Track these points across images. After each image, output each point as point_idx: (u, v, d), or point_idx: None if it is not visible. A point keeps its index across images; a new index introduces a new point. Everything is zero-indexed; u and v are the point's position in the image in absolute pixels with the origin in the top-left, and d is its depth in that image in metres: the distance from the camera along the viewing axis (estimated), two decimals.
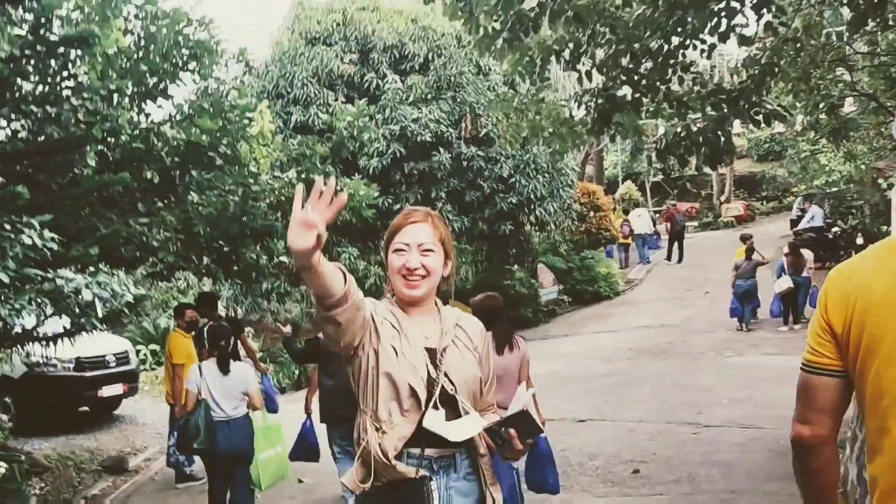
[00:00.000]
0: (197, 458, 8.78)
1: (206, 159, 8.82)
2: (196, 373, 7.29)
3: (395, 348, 2.78)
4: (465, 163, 18.29)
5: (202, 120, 8.59)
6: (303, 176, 9.09)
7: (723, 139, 8.81)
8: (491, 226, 19.13)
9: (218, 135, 8.73)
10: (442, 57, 18.82)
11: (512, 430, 2.72)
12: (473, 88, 18.57)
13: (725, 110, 8.66)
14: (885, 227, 21.12)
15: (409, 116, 17.73)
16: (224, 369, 7.17)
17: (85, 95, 7.03)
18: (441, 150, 17.98)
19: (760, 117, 8.61)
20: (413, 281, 2.84)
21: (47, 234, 5.64)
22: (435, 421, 2.74)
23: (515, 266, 21.25)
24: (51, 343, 7.45)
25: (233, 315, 17.48)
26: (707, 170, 44.12)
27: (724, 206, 39.00)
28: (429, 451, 2.79)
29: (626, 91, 9.34)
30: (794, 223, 26.99)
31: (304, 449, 7.99)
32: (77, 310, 6.44)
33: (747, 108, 8.61)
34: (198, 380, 7.19)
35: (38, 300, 5.82)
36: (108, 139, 7.83)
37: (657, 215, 33.37)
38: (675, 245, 28.14)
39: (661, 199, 41.94)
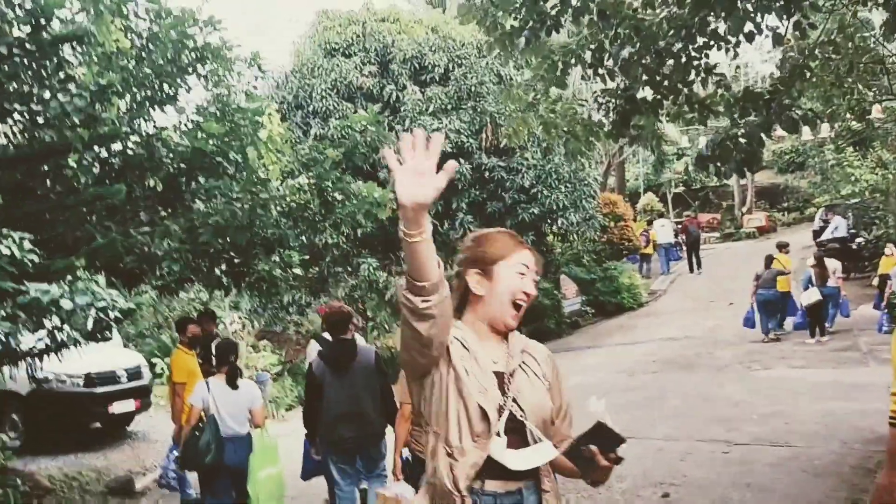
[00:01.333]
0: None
1: (213, 166, 8.31)
2: (203, 388, 7.10)
3: (466, 369, 2.59)
4: (486, 173, 17.73)
5: (208, 124, 8.08)
6: (313, 182, 8.54)
7: (755, 145, 8.20)
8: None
9: (226, 139, 8.21)
10: (462, 67, 18.29)
11: (593, 447, 2.50)
12: (494, 98, 17.99)
13: (755, 114, 8.03)
14: None
15: (430, 127, 17.15)
16: (233, 385, 7.05)
17: (78, 94, 6.48)
18: (462, 160, 17.38)
19: (791, 123, 7.99)
20: (519, 311, 2.69)
21: (27, 245, 5.12)
22: (497, 448, 2.56)
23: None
24: (37, 359, 6.88)
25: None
26: (730, 181, 43.89)
27: (746, 217, 38.34)
28: (493, 486, 2.59)
29: (645, 93, 8.78)
30: (816, 234, 26.41)
31: (314, 464, 7.49)
32: (60, 322, 5.89)
33: (779, 111, 7.99)
34: (205, 395, 7.03)
35: (14, 314, 5.28)
36: (108, 145, 7.35)
37: (678, 226, 32.73)
38: (693, 255, 27.73)
39: (683, 210, 41.29)
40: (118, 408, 11.49)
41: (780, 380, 12.71)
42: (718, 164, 8.23)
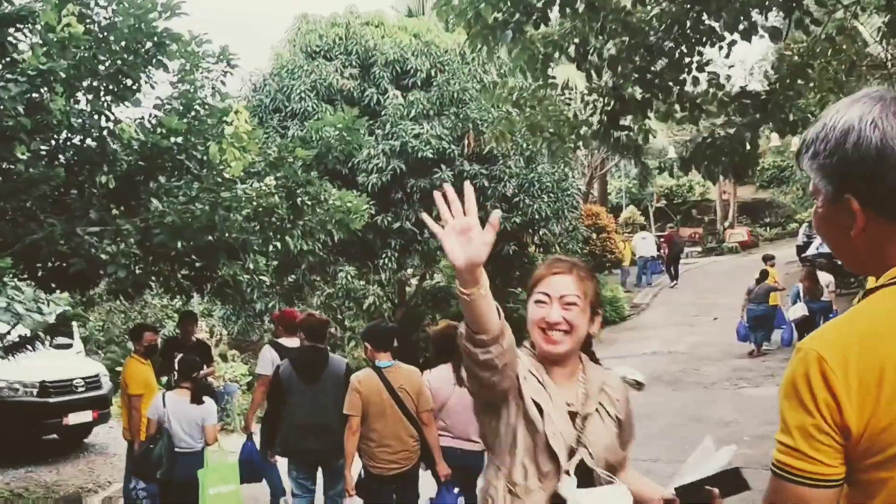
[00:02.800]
0: None
1: (174, 164, 7.67)
2: (159, 401, 6.99)
3: (538, 405, 2.50)
4: (467, 181, 17.03)
5: (169, 118, 7.43)
6: (281, 182, 7.89)
7: (748, 147, 7.64)
8: (494, 246, 17.79)
9: (188, 137, 7.57)
10: (445, 73, 17.68)
11: (716, 490, 2.40)
12: (477, 105, 17.40)
13: (753, 115, 7.48)
14: None
15: (410, 132, 16.54)
16: (198, 401, 6.98)
17: (14, 80, 5.84)
18: (443, 167, 16.78)
19: (786, 124, 7.45)
20: (554, 336, 2.56)
21: None
22: (567, 488, 2.47)
23: (519, 289, 20.01)
24: None
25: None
26: (711, 195, 43.66)
27: (728, 232, 37.98)
28: None
29: (635, 91, 8.23)
30: (800, 249, 26.11)
31: (247, 469, 7.30)
32: None
33: (776, 112, 7.44)
34: (160, 409, 6.93)
35: None
36: (54, 135, 6.70)
37: (660, 239, 32.30)
38: (672, 268, 27.50)
39: (665, 225, 40.87)
40: (74, 419, 10.80)
41: (771, 398, 12.04)
42: (708, 165, 7.68)
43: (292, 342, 7.81)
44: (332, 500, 6.81)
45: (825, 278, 15.91)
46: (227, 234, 7.55)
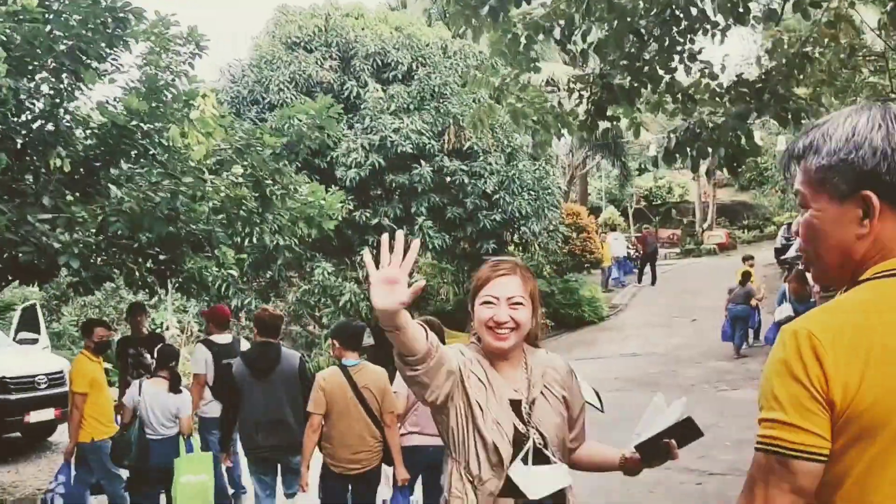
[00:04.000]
0: None
1: (135, 148, 7.18)
2: (135, 389, 6.82)
3: (479, 404, 2.66)
4: (447, 177, 16.63)
5: (130, 99, 6.94)
6: (249, 172, 7.40)
7: (743, 138, 7.21)
8: (473, 244, 17.46)
9: (151, 119, 7.09)
10: (426, 67, 17.23)
11: (672, 441, 2.67)
12: (458, 99, 16.96)
13: (747, 103, 7.05)
14: None
15: (390, 126, 16.07)
16: (176, 390, 6.80)
17: None
18: (422, 162, 16.30)
19: (789, 114, 7.02)
20: (502, 334, 2.69)
21: None
22: (519, 475, 2.64)
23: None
24: None
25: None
26: (690, 197, 43.45)
27: (707, 234, 37.70)
28: None
29: (623, 80, 7.81)
30: (778, 252, 25.75)
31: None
32: None
33: (773, 102, 7.02)
34: (135, 397, 6.75)
35: None
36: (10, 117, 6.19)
37: (636, 238, 32.05)
38: (648, 267, 27.28)
39: (644, 225, 40.64)
40: (36, 416, 10.23)
41: (752, 402, 11.60)
42: (696, 156, 7.25)
43: (224, 338, 7.73)
44: (290, 497, 6.66)
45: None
46: (190, 226, 7.07)
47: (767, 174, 39.89)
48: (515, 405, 2.71)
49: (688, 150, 7.10)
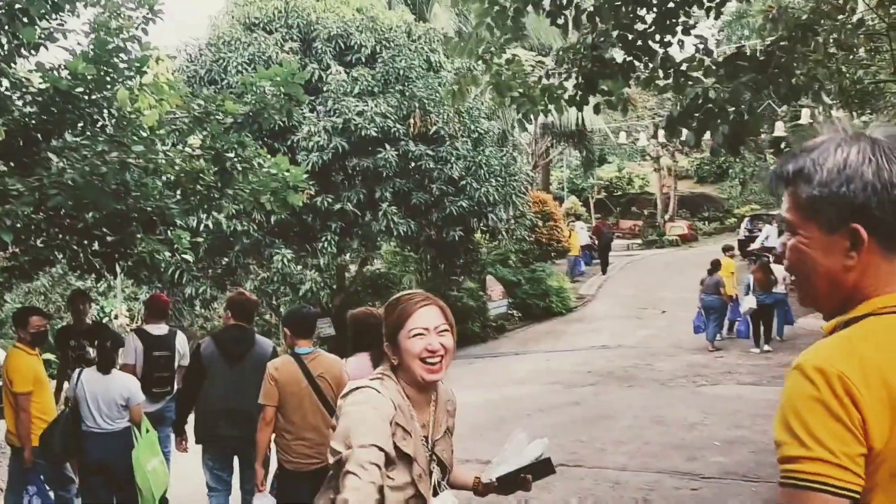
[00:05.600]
0: None
1: (81, 116, 6.42)
2: (74, 379, 6.29)
3: (410, 455, 2.62)
4: (412, 162, 15.92)
5: (75, 62, 6.18)
6: (208, 143, 6.67)
7: (745, 114, 6.64)
8: (439, 231, 16.78)
9: (98, 85, 6.33)
10: (390, 49, 16.49)
11: (530, 476, 2.88)
12: (424, 83, 16.26)
13: (753, 75, 6.47)
14: None
15: (354, 109, 15.32)
16: (105, 370, 6.26)
17: None
18: (387, 146, 15.58)
19: (791, 89, 6.46)
20: (434, 365, 2.67)
21: None
22: None
23: (463, 277, 18.94)
24: None
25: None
26: (651, 189, 43.40)
27: (669, 225, 37.53)
28: None
29: (615, 53, 7.23)
30: (742, 244, 25.74)
31: None
32: None
33: (780, 75, 6.45)
34: (74, 386, 6.24)
35: None
36: None
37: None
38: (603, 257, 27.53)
39: (605, 217, 40.42)
40: None
41: (734, 399, 11.25)
42: (698, 129, 6.68)
43: (159, 329, 7.38)
44: (248, 495, 6.22)
45: (780, 271, 15.20)
46: (141, 202, 6.33)
47: (726, 167, 39.99)
48: (424, 440, 2.73)
49: (691, 123, 6.50)
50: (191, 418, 6.43)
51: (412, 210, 16.20)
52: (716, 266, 16.06)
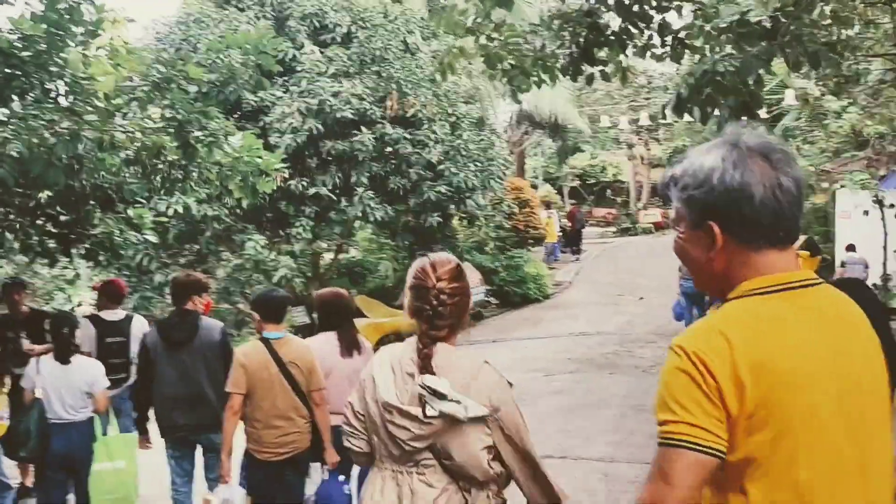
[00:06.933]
0: None
1: (28, 84, 5.73)
2: (32, 368, 5.87)
3: None
4: (389, 146, 15.25)
5: (21, 20, 5.50)
6: (170, 114, 6.00)
7: (752, 85, 6.08)
8: (417, 217, 16.14)
9: (48, 48, 5.65)
10: (366, 30, 15.78)
11: None
12: (401, 64, 15.59)
13: (761, 44, 5.91)
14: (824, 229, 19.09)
15: (329, 90, 14.60)
16: (63, 359, 5.82)
17: None
18: (363, 128, 14.89)
19: (809, 56, 5.89)
20: None
21: None
22: None
23: None
24: None
25: None
26: (623, 177, 43.23)
27: (642, 213, 37.20)
28: None
29: (610, 20, 6.65)
30: None
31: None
32: None
33: (791, 41, 5.89)
34: (33, 376, 5.82)
35: None
36: None
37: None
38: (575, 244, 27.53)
39: (579, 204, 40.03)
40: None
41: None
42: (705, 104, 6.11)
43: (114, 315, 6.98)
44: (213, 483, 5.86)
45: None
46: (95, 176, 5.67)
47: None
48: None
49: (700, 99, 5.94)
50: None
51: (389, 195, 15.54)
52: None
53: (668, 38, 6.71)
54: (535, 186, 37.22)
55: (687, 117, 6.71)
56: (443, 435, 2.61)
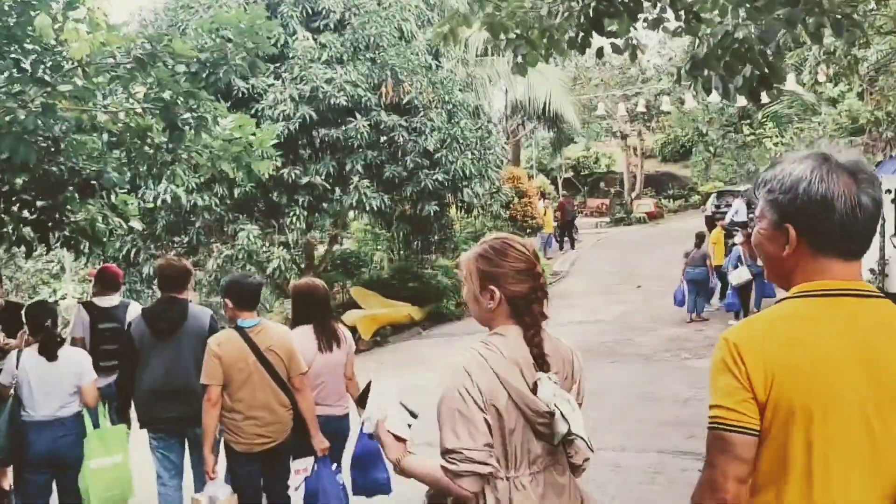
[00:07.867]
0: None
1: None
2: (12, 362, 5.50)
3: None
4: (385, 133, 14.78)
5: None
6: (152, 95, 5.52)
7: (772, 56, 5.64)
8: (414, 206, 15.67)
9: (17, 20, 5.16)
10: (360, 16, 15.26)
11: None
12: (396, 51, 15.10)
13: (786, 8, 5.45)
14: None
15: (322, 76, 14.12)
16: (50, 356, 5.42)
17: None
18: (358, 116, 14.42)
19: (832, 26, 5.45)
20: None
21: None
22: None
23: (437, 255, 17.87)
24: None
25: None
26: (616, 167, 42.95)
27: (636, 203, 36.97)
28: None
29: None
30: (709, 220, 25.18)
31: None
32: None
33: (812, 13, 5.44)
34: (13, 371, 5.44)
35: None
36: None
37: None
38: (567, 234, 27.40)
39: (573, 195, 39.73)
40: None
41: None
42: (723, 75, 5.67)
43: (108, 301, 6.69)
44: (200, 477, 5.57)
45: None
46: (73, 160, 5.19)
47: (690, 146, 39.73)
48: None
49: (716, 64, 5.48)
50: None
51: (385, 184, 15.07)
52: (701, 239, 15.38)
53: (682, 12, 6.26)
54: (530, 177, 36.92)
55: (687, 107, 6.27)
56: None
